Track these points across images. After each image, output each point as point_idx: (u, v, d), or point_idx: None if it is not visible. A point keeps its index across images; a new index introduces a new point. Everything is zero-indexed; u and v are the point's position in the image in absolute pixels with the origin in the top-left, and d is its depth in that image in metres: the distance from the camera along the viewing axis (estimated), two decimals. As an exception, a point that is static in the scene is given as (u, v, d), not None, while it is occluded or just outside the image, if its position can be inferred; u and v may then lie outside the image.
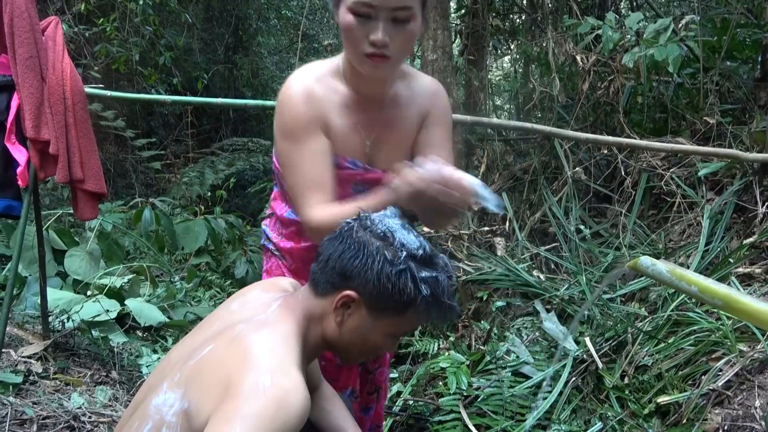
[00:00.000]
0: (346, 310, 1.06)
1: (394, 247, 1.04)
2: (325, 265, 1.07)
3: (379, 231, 1.05)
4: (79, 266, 3.28)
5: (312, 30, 9.00)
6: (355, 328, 1.07)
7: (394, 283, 1.02)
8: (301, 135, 1.29)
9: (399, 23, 1.19)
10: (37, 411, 2.04)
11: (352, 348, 1.12)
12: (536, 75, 4.82)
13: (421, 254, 1.05)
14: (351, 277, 1.04)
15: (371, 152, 1.37)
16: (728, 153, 2.79)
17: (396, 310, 1.06)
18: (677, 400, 2.05)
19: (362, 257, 1.03)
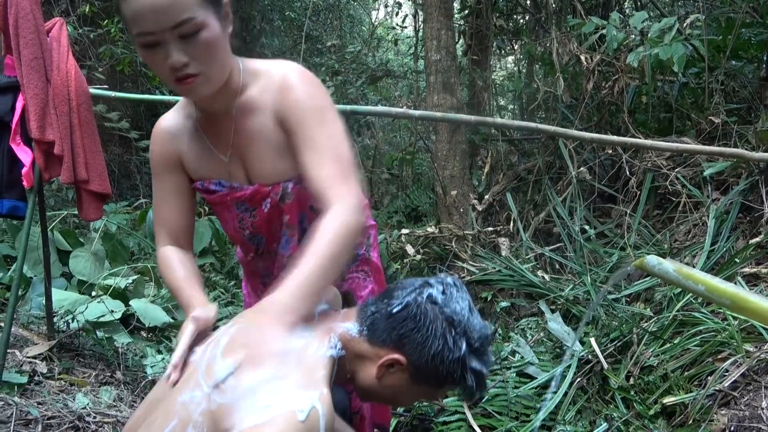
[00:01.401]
0: (389, 368, 1.08)
1: (457, 333, 1.06)
2: (384, 319, 1.08)
3: (448, 312, 1.07)
4: (83, 267, 3.29)
5: (315, 31, 9.00)
6: (391, 386, 1.10)
7: (447, 366, 1.06)
8: (156, 173, 1.35)
9: (188, 37, 1.10)
10: (42, 411, 2.04)
11: (379, 397, 1.16)
12: (540, 75, 4.81)
13: (478, 346, 1.08)
14: (406, 345, 1.06)
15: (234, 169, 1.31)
16: (734, 152, 2.78)
17: (436, 384, 1.10)
18: (683, 400, 2.04)
19: (424, 333, 1.05)
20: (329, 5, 9.10)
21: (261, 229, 1.38)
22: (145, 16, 1.07)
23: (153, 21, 1.07)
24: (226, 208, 1.37)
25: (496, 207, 4.16)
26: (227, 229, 1.44)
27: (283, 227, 1.36)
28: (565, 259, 3.45)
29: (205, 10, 1.11)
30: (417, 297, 1.08)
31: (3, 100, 2.19)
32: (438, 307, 1.07)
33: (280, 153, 1.26)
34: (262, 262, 1.45)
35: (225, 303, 3.65)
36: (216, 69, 1.17)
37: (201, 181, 1.34)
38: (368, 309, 1.12)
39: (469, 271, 3.33)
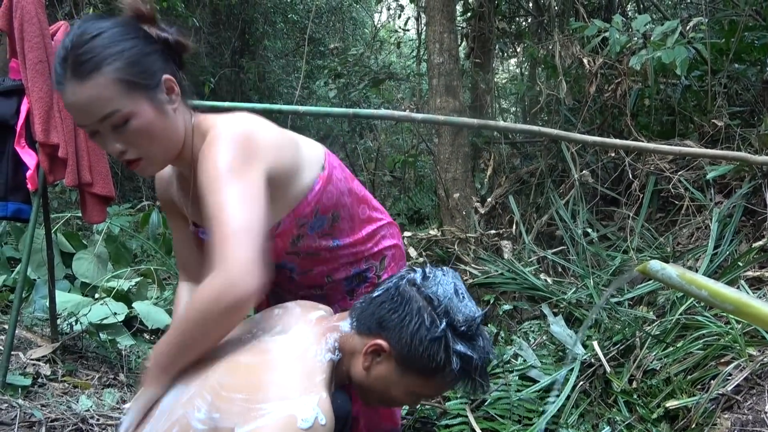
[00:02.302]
0: (375, 357, 1.07)
1: (436, 312, 1.03)
2: (367, 307, 1.09)
3: (427, 292, 1.05)
4: (87, 269, 3.30)
5: (318, 33, 9.02)
6: (381, 377, 1.09)
7: (426, 347, 1.02)
8: (165, 212, 1.45)
9: (120, 127, 1.09)
10: (45, 413, 2.04)
11: (373, 393, 1.14)
12: (543, 78, 4.81)
13: (463, 329, 1.04)
14: (386, 328, 1.05)
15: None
16: (737, 156, 2.78)
17: (423, 372, 1.07)
18: (686, 404, 2.04)
19: (401, 312, 1.04)
20: (332, 8, 9.12)
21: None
22: (74, 111, 1.11)
23: (81, 116, 1.10)
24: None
25: (499, 210, 4.17)
26: None
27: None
28: (568, 262, 3.45)
29: (131, 99, 1.08)
30: (398, 281, 1.09)
31: (8, 103, 2.21)
32: (416, 288, 1.07)
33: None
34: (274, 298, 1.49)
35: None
36: (156, 150, 1.15)
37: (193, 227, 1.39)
38: (357, 302, 1.14)
39: (472, 274, 3.33)
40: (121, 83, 1.07)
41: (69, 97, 1.08)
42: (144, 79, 1.11)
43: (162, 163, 1.20)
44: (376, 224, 1.49)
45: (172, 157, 1.20)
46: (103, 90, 1.06)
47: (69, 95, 1.08)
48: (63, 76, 1.07)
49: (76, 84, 1.06)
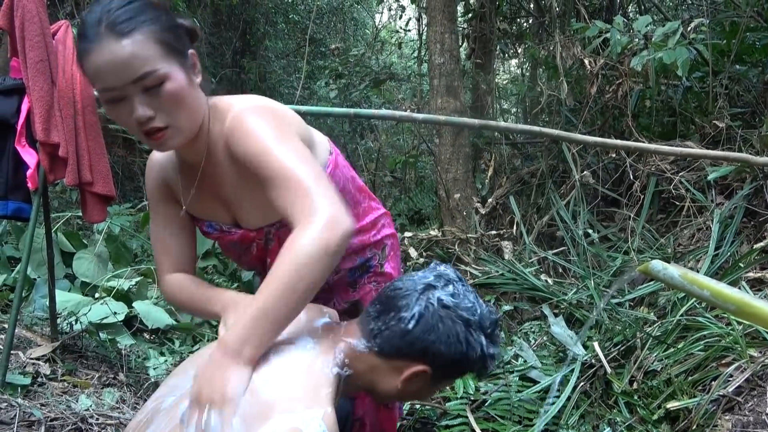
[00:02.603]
0: (413, 378, 1.08)
1: (474, 330, 1.08)
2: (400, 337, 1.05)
3: (463, 314, 1.07)
4: (87, 268, 3.30)
5: (319, 34, 9.02)
6: (415, 391, 1.12)
7: (471, 362, 1.09)
8: (152, 204, 1.33)
9: (153, 90, 1.07)
10: (45, 413, 2.04)
11: (400, 399, 1.19)
12: (544, 78, 4.81)
13: (490, 332, 1.10)
14: (430, 356, 1.06)
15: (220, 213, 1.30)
16: (738, 157, 2.77)
17: (458, 376, 1.14)
18: (687, 405, 2.03)
19: (446, 341, 1.06)
20: (333, 8, 9.12)
21: (257, 267, 1.39)
22: (106, 71, 1.04)
23: (114, 76, 1.04)
24: (224, 245, 1.38)
25: (499, 210, 4.16)
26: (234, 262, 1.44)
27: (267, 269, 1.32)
28: (569, 262, 3.45)
29: (167, 62, 1.07)
30: (427, 305, 1.05)
31: (8, 102, 2.20)
32: (452, 311, 1.06)
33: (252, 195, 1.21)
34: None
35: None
36: (185, 120, 1.13)
37: (198, 220, 1.34)
38: (374, 325, 1.07)
39: (472, 275, 3.33)
40: (160, 44, 1.07)
41: (104, 55, 1.03)
42: (179, 45, 1.11)
43: (186, 136, 1.15)
44: (375, 213, 1.48)
45: (194, 133, 1.16)
46: (142, 48, 1.04)
47: (104, 53, 1.03)
48: (97, 34, 1.03)
49: (114, 41, 1.03)
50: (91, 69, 1.06)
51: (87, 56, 1.05)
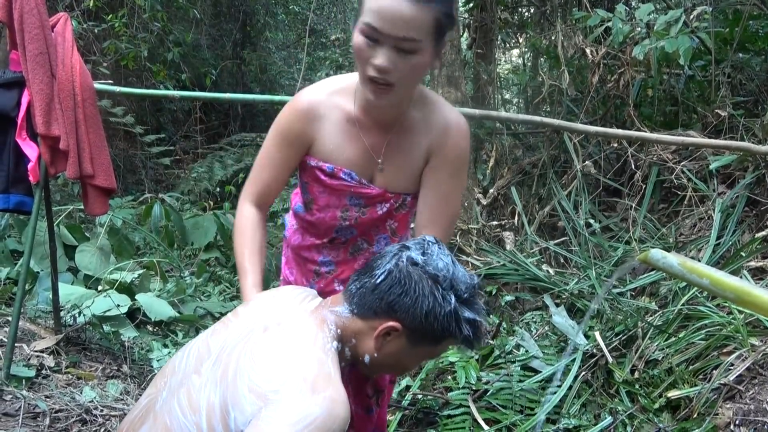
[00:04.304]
0: (386, 337, 1.10)
1: (443, 287, 1.09)
2: (371, 291, 1.10)
3: (431, 270, 1.09)
4: (89, 261, 3.31)
5: (319, 25, 8.98)
6: (392, 354, 1.12)
7: (441, 321, 1.08)
8: (279, 140, 1.40)
9: (404, 53, 1.18)
10: (49, 404, 2.06)
11: (382, 368, 1.19)
12: (545, 68, 4.79)
13: (466, 296, 1.11)
14: (398, 311, 1.08)
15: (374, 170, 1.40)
16: (740, 146, 2.76)
17: (434, 341, 1.12)
18: (688, 394, 2.04)
19: (412, 294, 1.07)
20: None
21: (362, 225, 1.45)
22: (387, 16, 1.14)
23: (390, 24, 1.14)
24: (338, 195, 1.41)
25: (501, 201, 4.16)
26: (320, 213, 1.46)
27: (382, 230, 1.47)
28: (570, 253, 3.45)
29: (429, 40, 1.18)
30: (398, 262, 1.10)
31: (9, 95, 2.20)
32: (420, 267, 1.09)
33: (413, 173, 1.39)
34: (333, 251, 1.49)
35: (230, 297, 3.67)
36: (407, 89, 1.27)
37: (330, 165, 1.38)
38: (352, 287, 1.13)
39: (474, 265, 3.33)
40: (435, 22, 1.16)
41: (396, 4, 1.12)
42: (444, 32, 1.21)
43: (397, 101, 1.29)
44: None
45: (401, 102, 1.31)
46: (424, 17, 1.14)
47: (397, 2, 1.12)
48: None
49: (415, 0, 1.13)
50: (375, 4, 1.14)
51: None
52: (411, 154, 1.38)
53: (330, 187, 1.40)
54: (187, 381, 1.05)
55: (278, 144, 1.40)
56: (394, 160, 1.38)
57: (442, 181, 1.37)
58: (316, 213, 1.46)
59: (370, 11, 1.15)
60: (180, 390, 1.04)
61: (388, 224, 1.46)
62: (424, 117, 1.36)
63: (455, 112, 1.39)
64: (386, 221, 1.45)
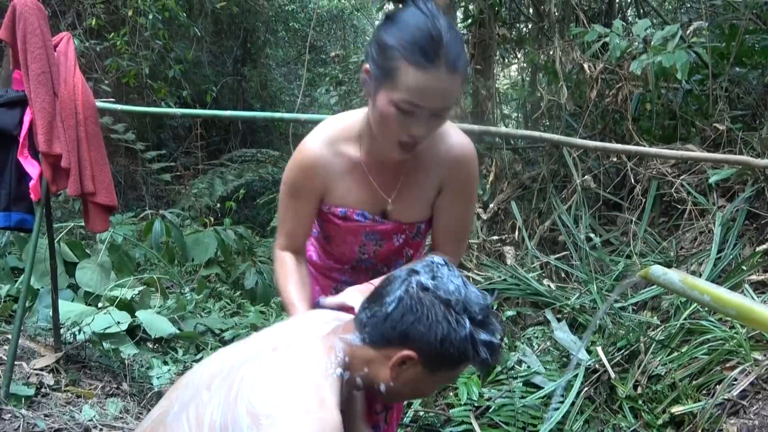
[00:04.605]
0: (402, 366, 1.08)
1: (456, 311, 1.06)
2: (383, 321, 1.08)
3: (442, 295, 1.06)
4: (90, 278, 3.30)
5: (319, 42, 9.06)
6: (408, 382, 1.10)
7: (457, 347, 1.06)
8: (292, 194, 1.42)
9: (437, 118, 1.22)
10: (48, 423, 2.04)
11: (400, 396, 1.19)
12: (544, 83, 4.81)
13: (480, 318, 1.08)
14: (412, 339, 1.06)
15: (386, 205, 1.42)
16: (739, 159, 2.77)
17: (451, 366, 1.10)
18: (692, 410, 2.03)
19: (426, 322, 1.05)
20: (333, 16, 9.16)
21: (380, 256, 1.48)
22: (428, 94, 1.16)
23: (431, 100, 1.17)
24: (354, 233, 1.44)
25: (501, 215, 4.16)
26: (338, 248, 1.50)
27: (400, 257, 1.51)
28: (571, 267, 3.44)
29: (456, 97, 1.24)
30: (408, 288, 1.07)
31: (11, 114, 2.22)
32: (431, 292, 1.06)
33: (425, 203, 1.43)
34: (354, 275, 1.52)
35: (231, 313, 3.66)
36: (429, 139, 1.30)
37: (342, 208, 1.41)
38: (363, 315, 1.11)
39: (475, 280, 3.33)
40: (463, 83, 1.22)
41: (434, 81, 1.14)
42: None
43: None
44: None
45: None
46: (459, 86, 1.20)
47: (436, 80, 1.14)
48: (436, 58, 1.13)
49: (449, 73, 1.15)
50: (413, 83, 1.15)
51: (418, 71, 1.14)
52: (423, 187, 1.40)
53: (345, 228, 1.43)
54: (198, 396, 1.05)
55: (290, 198, 1.43)
56: (407, 194, 1.41)
57: (456, 206, 1.42)
58: (335, 248, 1.50)
59: (408, 89, 1.15)
60: (190, 405, 1.04)
61: (405, 251, 1.50)
62: (434, 148, 1.36)
63: (461, 137, 1.40)
64: (403, 249, 1.49)
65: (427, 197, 1.42)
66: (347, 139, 1.38)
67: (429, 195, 1.42)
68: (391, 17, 1.20)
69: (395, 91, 1.16)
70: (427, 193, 1.41)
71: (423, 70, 1.13)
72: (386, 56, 1.16)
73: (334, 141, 1.38)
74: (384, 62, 1.17)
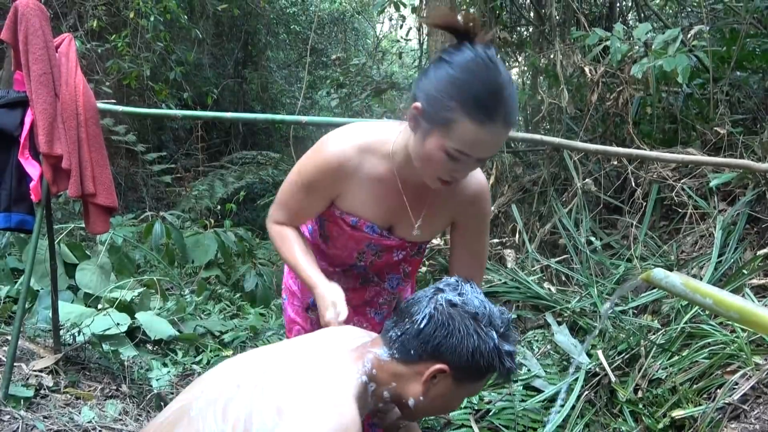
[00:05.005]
0: (433, 380, 1.13)
1: (484, 325, 1.13)
2: (415, 337, 1.13)
3: (470, 309, 1.13)
4: (90, 280, 3.30)
5: (320, 44, 9.08)
6: (438, 396, 1.15)
7: (485, 358, 1.12)
8: (307, 189, 1.40)
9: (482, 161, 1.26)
10: (47, 425, 2.04)
11: (428, 411, 1.22)
12: (544, 87, 4.82)
13: (503, 330, 1.15)
14: (444, 353, 1.11)
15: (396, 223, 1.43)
16: (740, 163, 2.77)
17: (479, 377, 1.17)
18: (692, 414, 2.02)
19: (458, 335, 1.11)
20: (334, 19, 9.18)
21: (376, 267, 1.49)
22: (482, 147, 1.18)
23: (484, 152, 1.20)
24: (357, 241, 1.44)
25: (502, 218, 4.16)
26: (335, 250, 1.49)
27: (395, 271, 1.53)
28: (572, 270, 3.44)
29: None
30: (436, 305, 1.13)
31: (12, 114, 2.22)
32: (459, 308, 1.13)
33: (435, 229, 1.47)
34: (343, 278, 1.51)
35: (231, 315, 3.65)
36: None
37: (354, 218, 1.40)
38: (392, 332, 1.15)
39: (475, 283, 3.32)
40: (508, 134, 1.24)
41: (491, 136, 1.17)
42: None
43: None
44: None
45: None
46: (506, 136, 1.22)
47: (494, 134, 1.17)
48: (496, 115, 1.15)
49: (503, 129, 1.18)
50: (469, 137, 1.16)
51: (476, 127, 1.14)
52: (437, 214, 1.42)
53: (350, 234, 1.43)
54: (225, 393, 1.06)
55: (302, 191, 1.40)
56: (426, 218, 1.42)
57: (473, 241, 1.46)
58: (332, 248, 1.49)
59: (464, 142, 1.16)
60: (218, 400, 1.05)
61: (401, 267, 1.51)
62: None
63: (479, 172, 1.41)
64: (400, 264, 1.50)
65: (438, 223, 1.45)
66: (377, 152, 1.36)
67: (440, 222, 1.45)
68: (448, 60, 1.17)
69: (448, 140, 1.17)
70: (438, 220, 1.44)
71: (481, 126, 1.14)
72: (444, 106, 1.15)
73: (365, 150, 1.36)
74: (440, 110, 1.16)
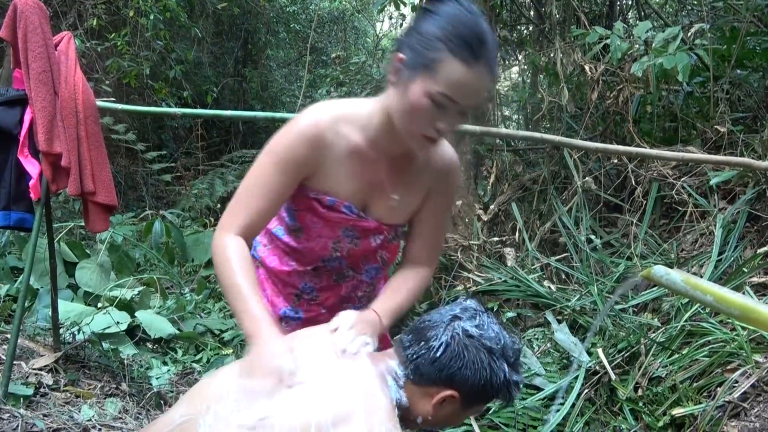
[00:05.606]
0: (442, 403, 1.18)
1: (497, 359, 1.18)
2: (430, 363, 1.17)
3: (486, 343, 1.18)
4: (89, 278, 3.30)
5: (320, 43, 9.06)
6: (446, 417, 1.21)
7: (495, 388, 1.19)
8: (279, 166, 1.28)
9: (463, 114, 1.22)
10: (47, 423, 2.04)
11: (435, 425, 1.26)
12: (545, 85, 4.81)
13: (513, 360, 1.20)
14: (456, 382, 1.17)
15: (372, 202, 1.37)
16: (740, 161, 2.76)
17: (485, 402, 1.23)
18: (692, 412, 2.02)
19: (472, 367, 1.16)
20: (334, 17, 9.17)
21: (352, 257, 1.43)
22: (467, 90, 1.16)
23: (467, 97, 1.17)
24: (332, 227, 1.37)
25: (502, 217, 4.16)
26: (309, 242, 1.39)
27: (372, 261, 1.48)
28: (572, 269, 3.44)
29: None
30: (453, 334, 1.17)
31: (12, 113, 2.21)
32: (476, 340, 1.17)
33: (410, 207, 1.42)
34: (316, 278, 1.45)
35: (230, 314, 3.65)
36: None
37: (331, 198, 1.33)
38: (408, 352, 1.19)
39: (475, 282, 3.32)
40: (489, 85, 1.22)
41: (474, 79, 1.15)
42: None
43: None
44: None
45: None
46: (488, 85, 1.20)
47: (477, 77, 1.15)
48: (480, 56, 1.14)
49: (485, 72, 1.16)
50: (454, 77, 1.14)
51: (462, 66, 1.14)
52: (412, 190, 1.39)
53: (326, 218, 1.35)
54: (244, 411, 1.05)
55: (277, 170, 1.27)
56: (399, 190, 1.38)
57: (438, 215, 1.44)
58: (304, 242, 1.40)
59: (449, 84, 1.14)
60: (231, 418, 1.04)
61: (379, 254, 1.46)
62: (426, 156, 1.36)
63: (451, 150, 1.43)
64: (377, 252, 1.45)
65: (413, 201, 1.40)
66: (352, 123, 1.30)
67: (415, 199, 1.40)
68: (432, 10, 1.18)
69: (433, 83, 1.15)
70: (414, 197, 1.40)
71: (466, 65, 1.13)
72: (429, 46, 1.14)
73: (339, 120, 1.30)
74: (426, 52, 1.15)
